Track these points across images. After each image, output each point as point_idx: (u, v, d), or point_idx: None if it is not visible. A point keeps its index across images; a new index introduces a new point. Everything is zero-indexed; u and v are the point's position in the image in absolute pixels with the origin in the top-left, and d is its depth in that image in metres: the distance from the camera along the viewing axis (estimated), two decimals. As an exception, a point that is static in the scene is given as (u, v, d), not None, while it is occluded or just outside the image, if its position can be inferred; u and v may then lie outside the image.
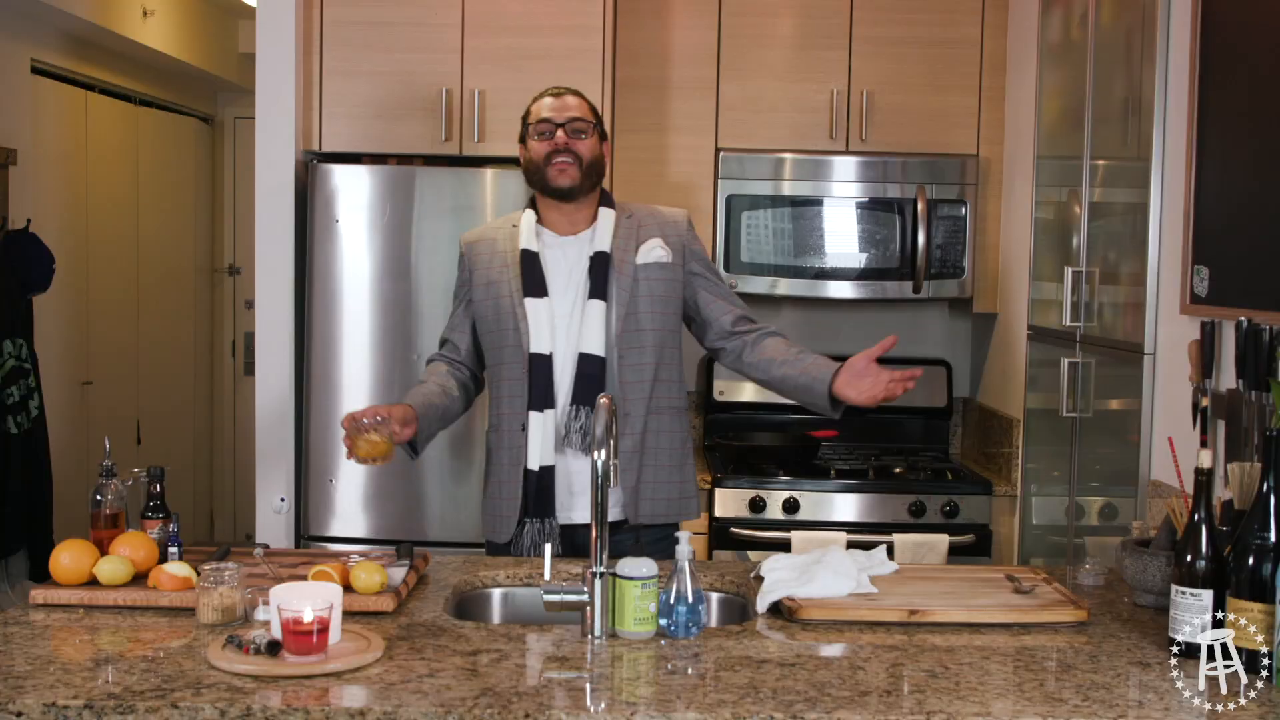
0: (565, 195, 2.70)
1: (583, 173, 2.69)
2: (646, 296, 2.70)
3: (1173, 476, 2.52)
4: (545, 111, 2.72)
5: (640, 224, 2.76)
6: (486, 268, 2.77)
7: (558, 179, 2.68)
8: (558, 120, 2.70)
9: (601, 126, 2.78)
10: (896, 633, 2.07)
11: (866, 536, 3.43)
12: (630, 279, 2.69)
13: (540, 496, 2.64)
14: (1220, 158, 2.56)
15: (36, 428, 4.48)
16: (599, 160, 2.74)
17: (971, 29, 4.05)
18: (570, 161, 2.68)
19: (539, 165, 2.71)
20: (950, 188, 4.00)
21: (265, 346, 3.71)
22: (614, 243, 2.71)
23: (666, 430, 2.73)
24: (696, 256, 2.79)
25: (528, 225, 2.75)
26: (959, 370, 4.43)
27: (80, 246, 5.33)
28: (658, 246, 2.73)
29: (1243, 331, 2.33)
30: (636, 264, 2.71)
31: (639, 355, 2.69)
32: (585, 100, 2.77)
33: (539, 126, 2.72)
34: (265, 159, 3.68)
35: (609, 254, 2.70)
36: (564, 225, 2.74)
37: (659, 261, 2.72)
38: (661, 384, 2.72)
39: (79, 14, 4.82)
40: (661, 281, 2.72)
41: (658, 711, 1.68)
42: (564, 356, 2.67)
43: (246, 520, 6.39)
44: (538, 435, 2.64)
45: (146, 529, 2.32)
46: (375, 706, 1.68)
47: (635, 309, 2.69)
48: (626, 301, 2.68)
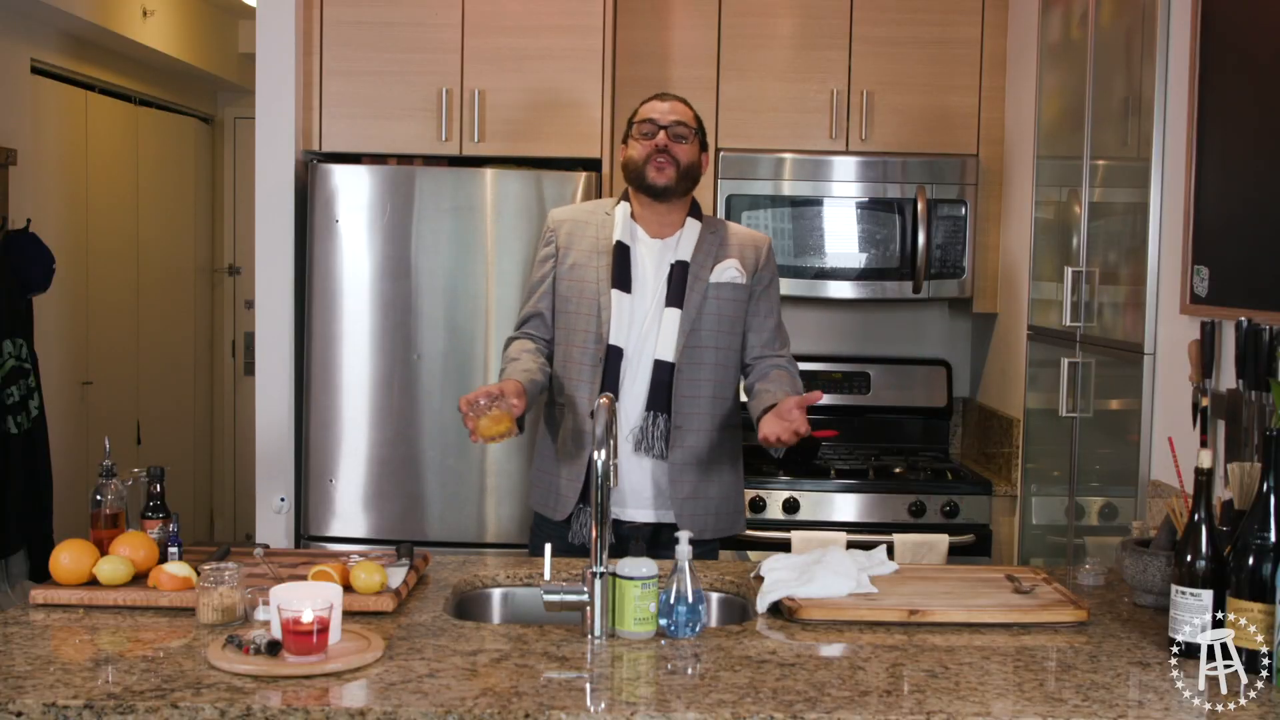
0: (660, 194, 2.75)
1: (679, 175, 2.76)
2: (714, 315, 2.76)
3: (1173, 476, 2.52)
4: (651, 113, 2.80)
5: (723, 241, 2.82)
6: (574, 248, 2.81)
7: (655, 176, 2.74)
8: (661, 122, 2.77)
9: (704, 136, 2.85)
10: (896, 633, 2.07)
11: (866, 536, 3.43)
12: (701, 295, 2.75)
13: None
14: (1220, 158, 2.56)
15: (36, 428, 4.48)
16: (695, 166, 2.81)
17: (971, 29, 4.05)
18: (668, 162, 2.74)
19: (639, 163, 2.77)
20: (950, 188, 4.00)
21: (265, 346, 3.71)
22: (695, 255, 2.77)
23: (725, 447, 2.79)
24: (761, 282, 2.83)
25: (623, 217, 2.81)
26: (959, 370, 4.43)
27: (80, 246, 5.33)
28: (733, 267, 2.78)
29: (1243, 331, 2.33)
30: (710, 281, 2.76)
31: (696, 370, 2.74)
32: (691, 108, 2.84)
33: (643, 126, 2.78)
34: (265, 159, 3.68)
35: (688, 264, 2.75)
36: (653, 226, 2.80)
37: (732, 282, 2.78)
38: (720, 401, 2.78)
39: (79, 14, 4.82)
40: (731, 302, 2.78)
41: (658, 711, 1.68)
42: (635, 355, 2.73)
43: (246, 520, 6.39)
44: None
45: (146, 529, 2.32)
46: (375, 706, 1.68)
47: (700, 325, 2.74)
48: (694, 317, 2.73)
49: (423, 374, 3.64)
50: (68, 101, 5.26)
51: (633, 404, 2.72)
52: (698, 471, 2.74)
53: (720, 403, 2.78)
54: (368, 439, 3.66)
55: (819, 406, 4.32)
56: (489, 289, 3.62)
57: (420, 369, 3.65)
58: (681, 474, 2.73)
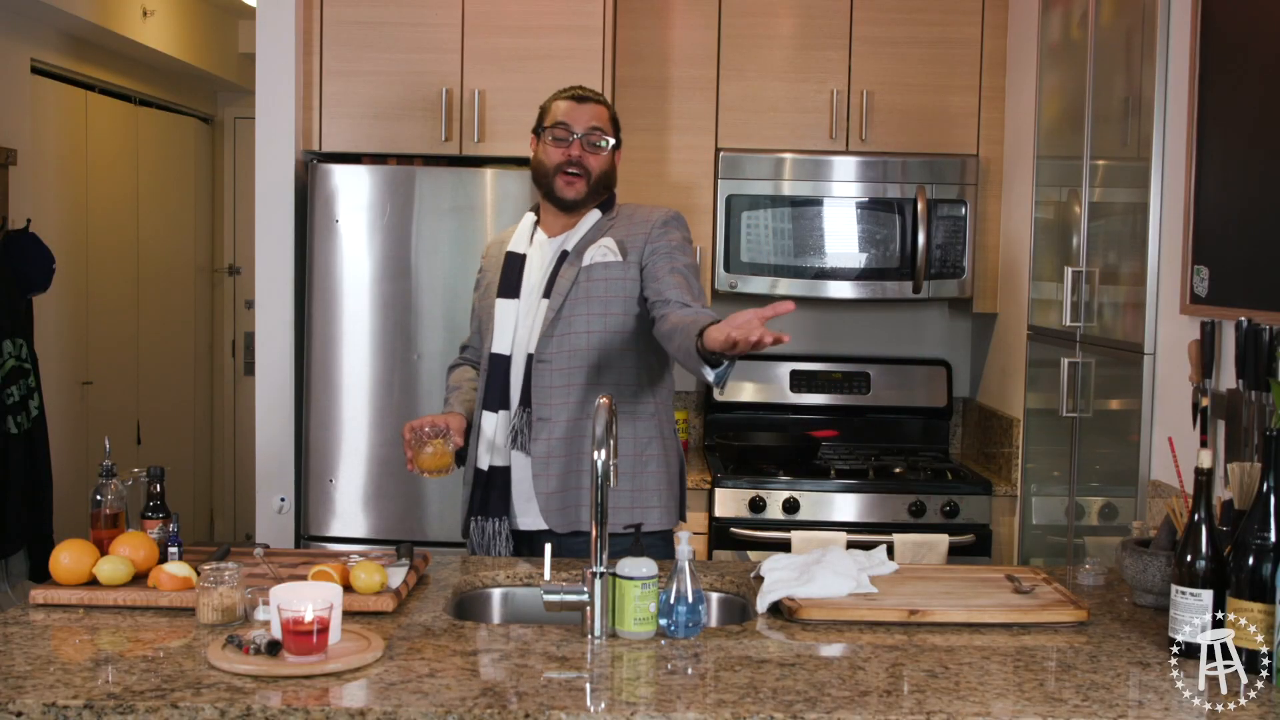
0: (568, 207, 2.67)
1: (590, 188, 2.65)
2: (583, 298, 2.61)
3: (1173, 476, 2.52)
4: (564, 116, 2.66)
5: (613, 225, 2.69)
6: (490, 269, 2.79)
7: (564, 190, 2.64)
8: (575, 130, 2.64)
9: (619, 134, 2.73)
10: (896, 633, 2.07)
11: (866, 536, 3.43)
12: (570, 280, 2.62)
13: (487, 497, 2.63)
14: (1220, 158, 2.56)
15: (36, 428, 4.48)
16: (608, 174, 2.69)
17: (971, 29, 4.05)
18: (579, 175, 2.63)
19: (548, 171, 2.66)
20: (950, 188, 4.00)
21: (265, 346, 3.71)
22: (578, 243, 2.67)
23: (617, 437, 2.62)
24: (657, 251, 2.62)
25: (524, 227, 2.75)
26: (959, 370, 4.43)
27: (80, 246, 5.33)
28: (604, 247, 2.63)
29: (1243, 331, 2.33)
30: (581, 265, 2.63)
31: (567, 359, 2.60)
32: (607, 108, 2.71)
33: (555, 130, 2.65)
34: (265, 159, 3.68)
35: (568, 254, 2.67)
36: (555, 227, 2.72)
37: (603, 261, 2.62)
38: (596, 387, 2.60)
39: (79, 14, 4.82)
40: (603, 282, 2.62)
41: (658, 711, 1.68)
42: (518, 356, 2.65)
43: (246, 520, 6.39)
44: (488, 434, 2.64)
45: (146, 529, 2.32)
46: (375, 706, 1.68)
47: (565, 311, 2.60)
48: (559, 305, 2.61)
49: (423, 374, 3.64)
50: (68, 101, 5.26)
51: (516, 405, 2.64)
52: (565, 464, 2.58)
53: (612, 389, 2.59)
54: (368, 439, 3.66)
55: (819, 406, 4.32)
56: (489, 289, 3.62)
57: (420, 369, 3.65)
58: (546, 467, 2.58)
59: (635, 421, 2.66)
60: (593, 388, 2.61)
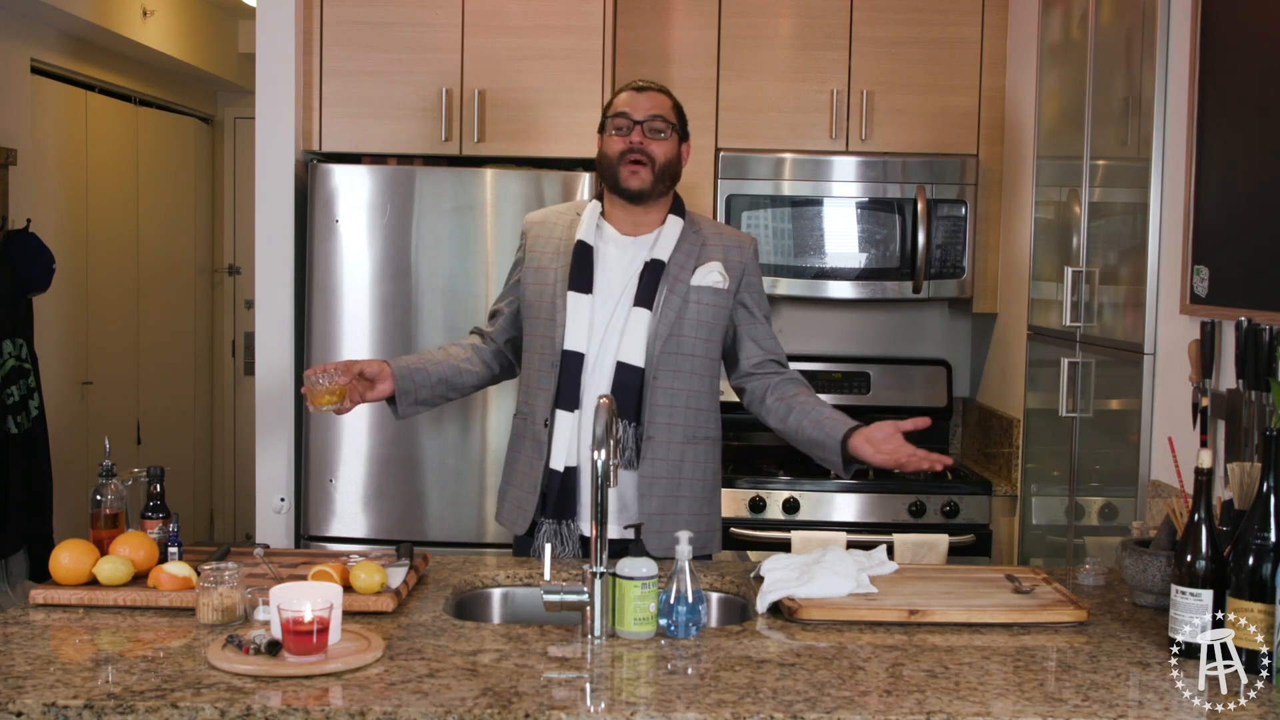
0: (634, 198, 2.61)
1: (655, 175, 2.59)
2: (694, 320, 2.60)
3: (1173, 476, 2.52)
4: (624, 105, 2.61)
5: (706, 242, 2.66)
6: (540, 252, 2.69)
7: (629, 180, 2.59)
8: (635, 117, 2.59)
9: (685, 126, 2.69)
10: (896, 633, 2.07)
11: (866, 536, 3.43)
12: (681, 298, 2.59)
13: (562, 499, 2.56)
14: (1220, 158, 2.56)
15: (36, 428, 4.48)
16: (674, 163, 2.63)
17: (971, 29, 4.05)
18: (642, 163, 2.58)
19: (612, 162, 2.61)
20: (950, 188, 4.00)
21: (265, 346, 3.71)
22: (674, 255, 2.61)
23: (701, 461, 2.64)
24: (751, 288, 2.68)
25: (590, 216, 2.66)
26: (959, 370, 4.43)
27: (80, 246, 5.33)
28: (716, 270, 2.62)
29: (1243, 331, 2.33)
30: (691, 284, 2.60)
31: (673, 379, 2.59)
32: (670, 98, 2.67)
33: (616, 121, 2.61)
34: (265, 159, 3.68)
35: (665, 265, 2.60)
36: (628, 225, 2.65)
37: (714, 286, 2.62)
38: (697, 412, 2.62)
39: (79, 14, 4.82)
40: (712, 307, 2.62)
41: (658, 711, 1.68)
42: (598, 359, 2.57)
43: (246, 520, 6.39)
44: (564, 435, 2.55)
45: (146, 529, 2.32)
46: (375, 706, 1.68)
47: (680, 330, 2.59)
48: (672, 321, 2.58)
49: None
50: (68, 101, 5.26)
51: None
52: (668, 485, 2.58)
53: (695, 413, 2.62)
54: (368, 439, 3.66)
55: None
56: (489, 289, 3.62)
57: (420, 369, 3.65)
58: (651, 487, 2.57)
59: (712, 448, 2.69)
60: (692, 410, 2.61)
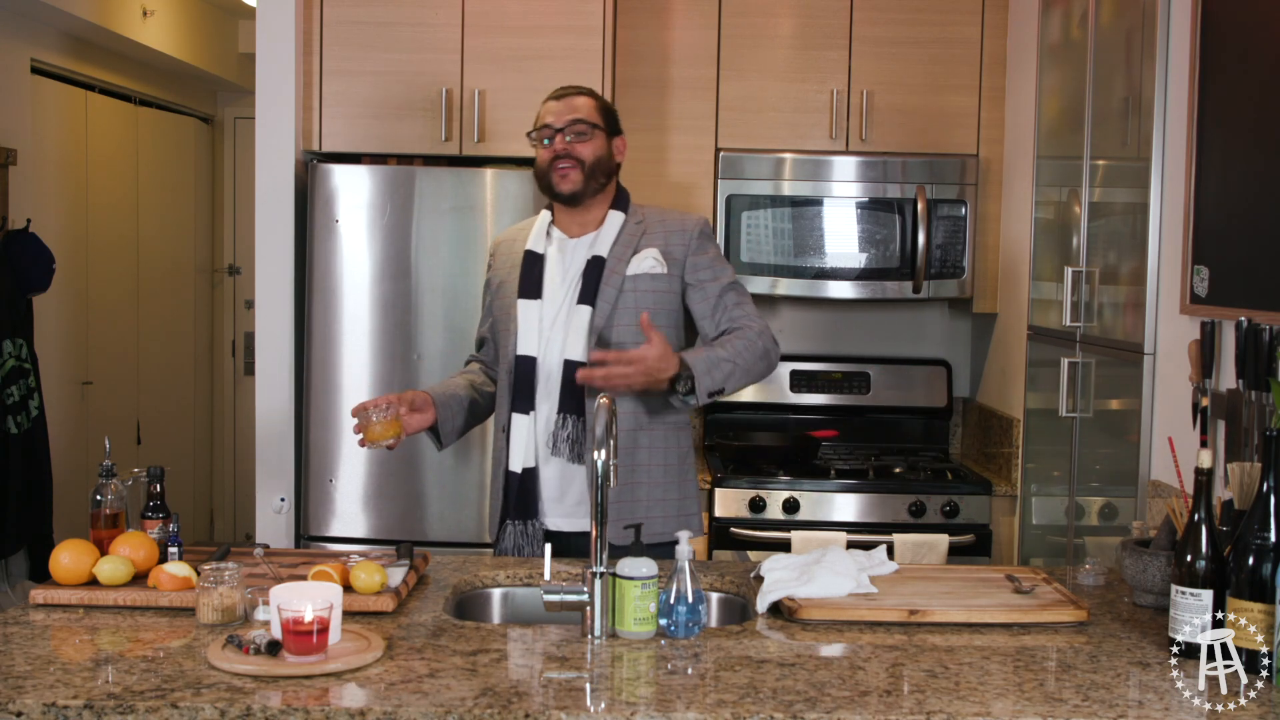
0: (570, 200, 2.66)
1: (585, 176, 2.64)
2: (631, 308, 2.62)
3: (1173, 476, 2.52)
4: (547, 116, 2.68)
5: (646, 230, 2.70)
6: (501, 268, 2.77)
7: (560, 184, 2.64)
8: (557, 125, 2.65)
9: (613, 123, 2.71)
10: (896, 633, 2.07)
11: (866, 536, 3.44)
12: (616, 289, 2.63)
13: (521, 499, 2.63)
14: (1220, 158, 2.56)
15: (36, 428, 4.48)
16: (605, 159, 2.67)
17: (971, 29, 4.05)
18: (571, 166, 2.63)
19: (544, 171, 2.67)
20: (950, 188, 4.00)
21: (265, 346, 3.71)
22: (613, 248, 2.66)
23: (660, 447, 2.66)
24: (700, 266, 2.69)
25: (540, 225, 2.74)
26: (959, 370, 4.43)
27: (80, 246, 5.34)
28: (651, 257, 2.66)
29: (1243, 331, 2.33)
30: (626, 274, 2.64)
31: None
32: (593, 98, 2.71)
33: (541, 132, 2.68)
34: (265, 159, 3.68)
35: (604, 259, 2.65)
36: (574, 227, 2.71)
37: (649, 273, 2.65)
38: (647, 398, 2.62)
39: (79, 14, 4.82)
40: (651, 294, 2.65)
41: (658, 711, 1.68)
42: (550, 360, 2.63)
43: (246, 520, 6.39)
44: (520, 437, 2.63)
45: (146, 529, 2.32)
46: (375, 706, 1.68)
47: (615, 320, 2.62)
48: (608, 312, 2.62)
49: (423, 374, 3.64)
50: (68, 101, 5.26)
51: (550, 410, 2.62)
52: (620, 473, 2.55)
53: (645, 400, 2.62)
54: (368, 439, 3.66)
55: (819, 406, 4.32)
56: (489, 289, 3.62)
57: (420, 369, 3.65)
58: None
59: (679, 432, 2.71)
60: (642, 399, 2.63)
